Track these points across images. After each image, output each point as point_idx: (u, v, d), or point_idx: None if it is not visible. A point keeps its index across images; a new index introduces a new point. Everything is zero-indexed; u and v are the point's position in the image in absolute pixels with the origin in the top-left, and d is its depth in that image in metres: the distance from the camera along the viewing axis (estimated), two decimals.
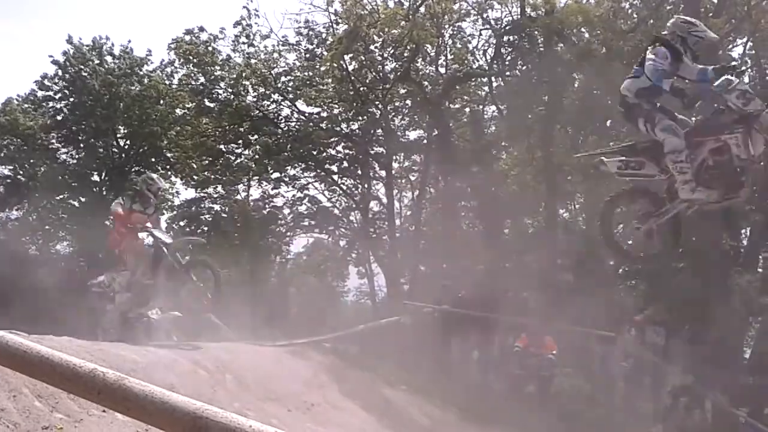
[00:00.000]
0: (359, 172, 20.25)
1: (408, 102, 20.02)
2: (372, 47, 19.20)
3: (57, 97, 22.49)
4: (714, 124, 6.15)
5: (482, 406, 11.38)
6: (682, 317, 14.50)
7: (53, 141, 22.41)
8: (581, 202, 18.07)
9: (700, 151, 6.05)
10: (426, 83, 19.22)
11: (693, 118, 6.55)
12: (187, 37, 20.21)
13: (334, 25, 19.18)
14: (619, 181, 6.57)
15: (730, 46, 17.45)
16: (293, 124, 20.42)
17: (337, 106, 20.29)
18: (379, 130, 19.73)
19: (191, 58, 20.27)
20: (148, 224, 9.37)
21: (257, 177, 20.65)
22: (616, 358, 13.62)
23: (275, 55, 20.09)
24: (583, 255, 16.73)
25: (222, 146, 20.73)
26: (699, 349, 13.56)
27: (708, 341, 13.38)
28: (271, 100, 20.31)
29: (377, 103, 19.57)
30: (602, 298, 14.73)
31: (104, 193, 22.57)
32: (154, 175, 10.16)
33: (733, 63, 6.81)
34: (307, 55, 20.01)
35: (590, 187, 16.50)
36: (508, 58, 18.02)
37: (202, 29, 20.23)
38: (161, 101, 21.81)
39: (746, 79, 17.72)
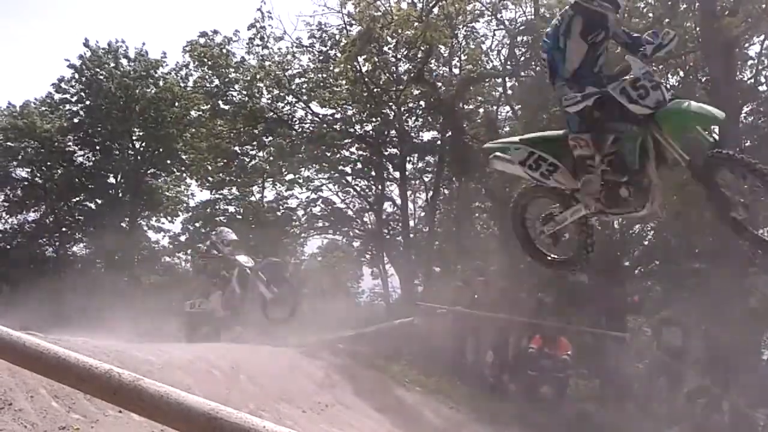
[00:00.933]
0: (373, 173, 20.26)
1: (422, 103, 20.00)
2: (385, 48, 19.22)
3: (73, 100, 22.70)
4: None
5: (496, 408, 11.35)
6: (698, 318, 14.38)
7: (70, 143, 22.62)
8: None
9: None
10: (440, 84, 19.21)
11: None
12: (202, 40, 20.34)
13: (348, 27, 19.22)
14: None
15: (747, 45, 17.31)
16: (307, 125, 20.48)
17: (350, 107, 20.32)
18: (393, 132, 19.73)
19: (206, 60, 20.38)
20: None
21: (271, 178, 20.72)
22: (631, 360, 13.54)
23: (289, 57, 20.17)
24: (597, 255, 16.61)
25: (236, 148, 20.82)
26: (716, 350, 13.45)
27: (725, 342, 13.25)
28: (285, 101, 20.38)
29: (391, 104, 19.58)
30: (617, 298, 14.66)
31: (120, 195, 22.76)
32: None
33: None
34: (321, 57, 20.06)
35: None
36: (522, 58, 17.95)
37: (216, 32, 20.37)
38: (176, 103, 21.96)
39: (762, 79, 17.67)
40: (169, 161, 22.90)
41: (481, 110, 19.98)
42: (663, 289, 16.69)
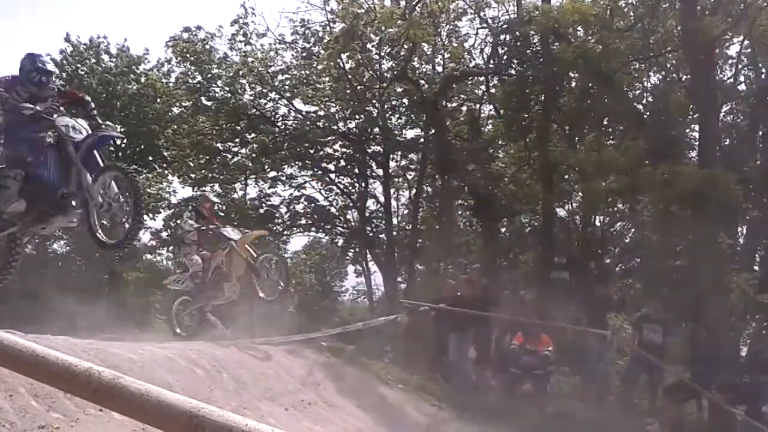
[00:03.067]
0: (356, 170, 20.24)
1: (405, 101, 20.01)
2: (369, 46, 19.19)
3: None
4: None
5: (479, 405, 11.40)
6: (678, 315, 14.54)
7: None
8: (578, 200, 18.10)
9: None
10: (423, 82, 19.22)
11: None
12: (185, 35, 20.20)
13: (331, 24, 19.18)
14: None
15: (727, 45, 17.50)
16: (290, 122, 20.40)
17: (333, 104, 20.27)
18: (376, 129, 19.73)
19: (188, 56, 20.23)
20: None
21: (254, 175, 20.64)
22: (612, 356, 13.65)
23: (272, 53, 20.08)
24: (579, 253, 16.78)
25: (219, 144, 20.71)
26: (695, 347, 13.60)
27: (705, 339, 13.41)
28: (268, 98, 20.27)
29: (374, 101, 19.57)
30: (599, 295, 14.77)
31: None
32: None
33: None
34: (304, 54, 19.99)
35: (587, 186, 16.54)
36: (505, 57, 18.02)
37: (199, 27, 20.23)
38: (158, 100, 21.78)
39: (742, 78, 17.90)
40: (150, 158, 22.70)
41: (464, 108, 20.03)
42: (644, 287, 16.85)
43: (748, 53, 17.45)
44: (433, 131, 19.13)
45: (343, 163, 20.33)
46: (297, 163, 20.27)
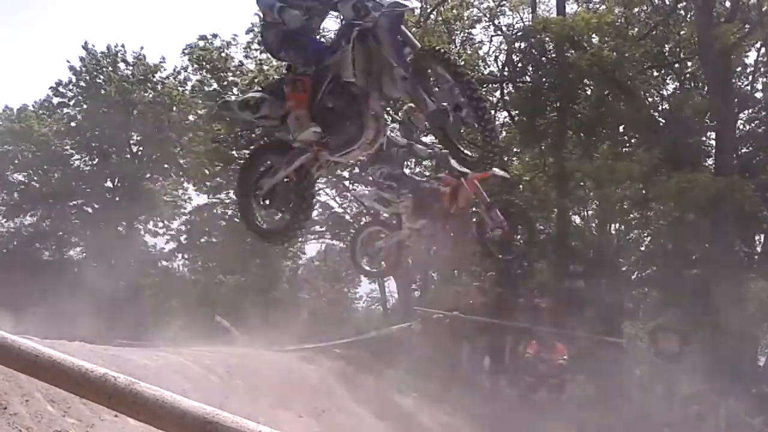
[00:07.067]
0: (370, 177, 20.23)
1: None
2: None
3: (71, 103, 22.69)
4: None
5: (493, 413, 11.34)
6: (695, 324, 14.39)
7: (67, 147, 22.59)
8: (594, 208, 17.99)
9: None
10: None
11: None
12: (201, 43, 20.35)
13: None
14: None
15: (744, 53, 17.35)
16: None
17: None
18: None
19: (204, 64, 20.38)
20: None
21: None
22: (627, 365, 13.54)
23: None
24: (595, 261, 16.67)
25: (234, 152, 20.79)
26: (713, 357, 13.45)
27: (722, 349, 13.26)
28: None
29: (388, 108, 19.58)
30: (614, 304, 14.67)
31: (117, 199, 22.72)
32: None
33: None
34: None
35: (603, 194, 16.44)
36: (519, 64, 17.98)
37: (215, 35, 20.38)
38: (174, 107, 21.95)
39: (759, 86, 17.74)
40: (166, 165, 22.88)
41: None
42: (660, 295, 16.70)
43: (765, 61, 17.30)
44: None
45: (357, 169, 20.32)
46: None
